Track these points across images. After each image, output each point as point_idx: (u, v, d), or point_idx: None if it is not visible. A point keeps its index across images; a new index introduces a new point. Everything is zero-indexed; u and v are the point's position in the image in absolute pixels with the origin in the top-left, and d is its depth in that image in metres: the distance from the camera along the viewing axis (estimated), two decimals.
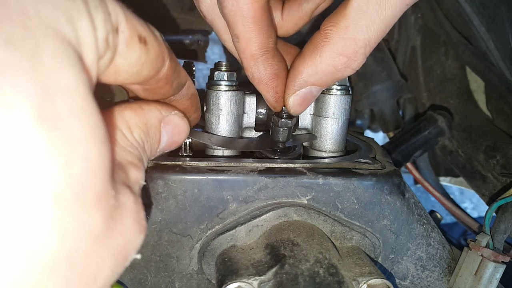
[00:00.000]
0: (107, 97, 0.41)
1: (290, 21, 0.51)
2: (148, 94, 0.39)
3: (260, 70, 0.48)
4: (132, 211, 0.29)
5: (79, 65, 0.24)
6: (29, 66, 0.21)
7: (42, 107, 0.22)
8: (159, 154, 0.40)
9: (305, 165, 0.53)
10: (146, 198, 0.49)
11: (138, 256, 0.31)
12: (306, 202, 0.51)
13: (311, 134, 0.60)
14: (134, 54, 0.31)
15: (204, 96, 0.57)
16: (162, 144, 0.39)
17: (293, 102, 0.49)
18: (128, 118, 0.35)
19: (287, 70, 0.51)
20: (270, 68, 0.48)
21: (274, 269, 0.43)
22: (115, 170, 0.30)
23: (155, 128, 0.38)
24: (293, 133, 0.59)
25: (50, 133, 0.22)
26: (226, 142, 0.56)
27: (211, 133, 0.57)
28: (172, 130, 0.40)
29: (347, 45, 0.42)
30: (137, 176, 0.33)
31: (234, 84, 0.55)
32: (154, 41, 0.33)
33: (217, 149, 0.57)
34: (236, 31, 0.45)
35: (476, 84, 0.93)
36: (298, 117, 0.60)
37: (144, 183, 0.34)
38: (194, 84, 0.70)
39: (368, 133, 0.96)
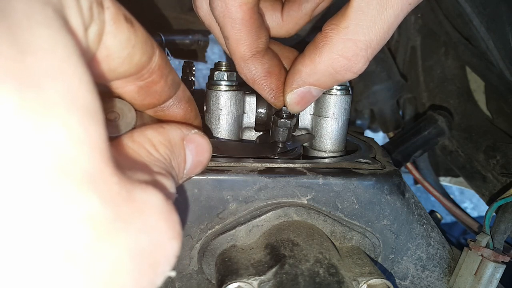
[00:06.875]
0: (111, 117, 0.40)
1: (290, 21, 0.51)
2: (145, 95, 0.38)
3: (251, 70, 0.49)
4: (158, 208, 0.26)
5: (59, 25, 0.23)
6: None
7: (10, 65, 0.20)
8: (186, 177, 0.39)
9: (305, 165, 0.53)
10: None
11: (173, 274, 0.26)
12: (306, 202, 0.51)
13: (310, 135, 0.60)
14: (122, 34, 0.31)
15: (204, 96, 0.56)
16: (188, 164, 0.37)
17: (290, 100, 0.49)
18: (151, 137, 0.34)
19: (282, 67, 0.51)
20: (261, 67, 0.48)
21: (274, 269, 0.43)
22: (134, 170, 0.28)
23: (179, 146, 0.36)
24: (293, 134, 0.59)
25: (19, 92, 0.20)
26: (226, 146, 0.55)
27: (213, 137, 0.56)
28: (196, 149, 0.38)
29: (347, 46, 0.41)
30: (165, 183, 0.30)
31: (234, 84, 0.55)
32: (139, 25, 0.33)
33: None
34: (226, 33, 0.46)
35: (476, 84, 0.93)
36: (298, 117, 0.59)
37: (176, 194, 0.32)
38: (194, 84, 0.70)
39: (368, 133, 0.96)
